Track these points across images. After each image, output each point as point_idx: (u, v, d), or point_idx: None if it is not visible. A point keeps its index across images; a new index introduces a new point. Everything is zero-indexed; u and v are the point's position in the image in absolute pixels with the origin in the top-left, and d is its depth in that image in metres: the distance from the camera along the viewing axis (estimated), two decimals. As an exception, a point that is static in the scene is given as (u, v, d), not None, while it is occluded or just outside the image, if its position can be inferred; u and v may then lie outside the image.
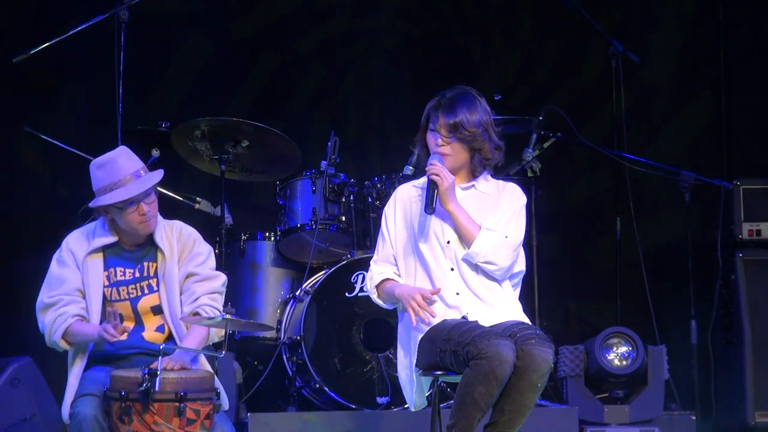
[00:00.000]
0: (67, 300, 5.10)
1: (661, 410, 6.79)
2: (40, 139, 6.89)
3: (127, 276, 5.18)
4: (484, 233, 5.08)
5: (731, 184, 7.04)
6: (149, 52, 7.70)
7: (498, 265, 5.08)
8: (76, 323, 5.08)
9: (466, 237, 5.09)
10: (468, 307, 5.09)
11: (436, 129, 5.13)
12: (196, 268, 5.19)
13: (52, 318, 5.08)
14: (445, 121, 5.11)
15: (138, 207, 5.08)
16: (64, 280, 5.13)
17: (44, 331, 5.11)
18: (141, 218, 5.10)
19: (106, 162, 5.10)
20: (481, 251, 5.07)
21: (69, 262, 5.15)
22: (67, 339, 5.08)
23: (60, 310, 5.08)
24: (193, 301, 5.14)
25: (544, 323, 7.20)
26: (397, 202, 5.25)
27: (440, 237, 5.14)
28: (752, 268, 7.00)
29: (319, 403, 6.72)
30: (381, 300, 5.21)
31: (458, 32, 8.17)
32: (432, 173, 5.07)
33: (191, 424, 4.83)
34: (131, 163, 5.12)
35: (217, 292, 5.19)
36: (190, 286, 5.17)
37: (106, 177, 5.07)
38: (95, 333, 5.02)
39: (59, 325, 5.06)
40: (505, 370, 4.80)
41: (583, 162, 7.99)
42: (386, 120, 8.04)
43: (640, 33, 8.01)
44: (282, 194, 7.14)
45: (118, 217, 5.11)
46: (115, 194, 5.05)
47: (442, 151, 5.12)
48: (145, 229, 5.14)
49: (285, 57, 8.07)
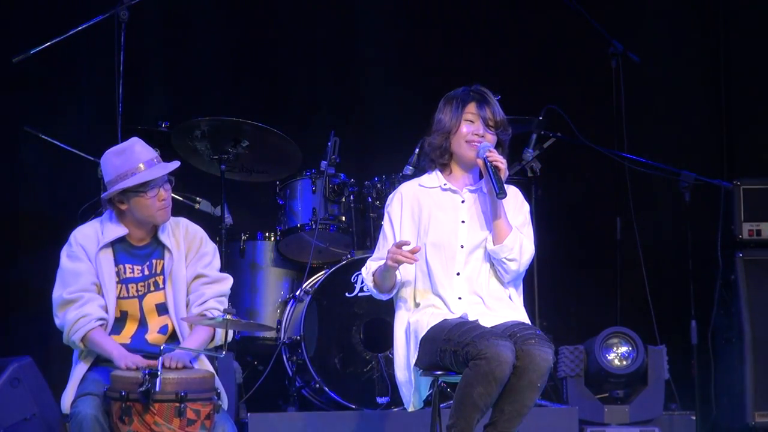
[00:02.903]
0: (88, 297, 5.06)
1: (661, 410, 6.80)
2: (40, 139, 6.89)
3: (136, 273, 5.17)
4: (516, 232, 5.13)
5: (731, 184, 7.04)
6: (149, 52, 7.70)
7: (519, 262, 5.11)
8: (98, 332, 5.04)
9: (501, 232, 5.11)
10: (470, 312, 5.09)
11: (473, 120, 5.15)
12: (204, 269, 5.19)
13: (75, 317, 5.03)
14: (485, 114, 5.15)
15: (158, 192, 5.08)
16: (79, 274, 5.08)
17: (63, 328, 5.06)
18: (161, 204, 5.10)
19: (124, 149, 5.10)
20: (513, 247, 5.09)
21: (81, 256, 5.10)
22: (85, 342, 5.06)
23: (83, 309, 5.04)
24: (202, 303, 5.14)
25: (544, 323, 7.20)
26: (404, 201, 5.23)
27: (453, 241, 5.14)
28: (752, 268, 7.00)
29: (319, 403, 6.72)
30: (377, 288, 5.18)
31: (458, 32, 8.17)
32: (495, 160, 5.08)
33: (192, 425, 4.82)
34: (147, 151, 5.13)
35: (224, 295, 5.20)
36: (199, 287, 5.17)
37: (125, 163, 5.06)
38: (114, 354, 4.99)
39: (82, 326, 5.02)
40: (505, 370, 4.80)
41: (583, 162, 7.99)
42: (386, 120, 8.03)
43: (640, 33, 8.01)
44: (282, 194, 7.14)
45: (135, 205, 5.08)
46: (138, 177, 5.04)
47: (490, 140, 5.15)
48: (162, 216, 5.12)
49: (285, 57, 8.07)
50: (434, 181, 5.25)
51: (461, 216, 5.18)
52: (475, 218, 5.17)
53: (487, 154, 5.09)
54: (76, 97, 7.65)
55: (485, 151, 5.10)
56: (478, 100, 5.18)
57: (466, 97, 5.20)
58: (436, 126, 5.22)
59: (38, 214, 7.57)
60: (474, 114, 5.16)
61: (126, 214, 5.14)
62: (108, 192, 5.09)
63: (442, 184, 5.23)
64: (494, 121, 5.17)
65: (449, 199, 5.21)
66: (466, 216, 5.18)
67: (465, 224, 5.17)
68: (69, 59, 7.47)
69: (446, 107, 5.21)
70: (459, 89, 5.25)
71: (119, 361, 4.96)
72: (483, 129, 5.16)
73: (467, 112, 5.17)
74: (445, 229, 5.16)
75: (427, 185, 5.25)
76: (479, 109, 5.17)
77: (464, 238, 5.15)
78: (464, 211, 5.19)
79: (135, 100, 7.20)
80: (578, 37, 7.93)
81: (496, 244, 5.11)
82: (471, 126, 5.16)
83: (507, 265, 5.12)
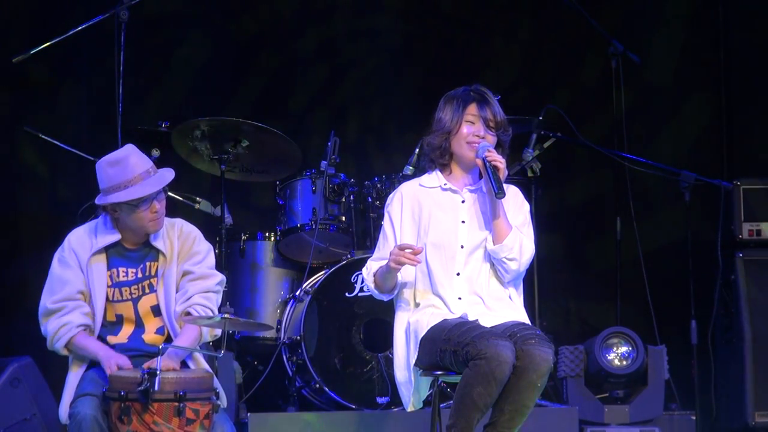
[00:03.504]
0: (71, 306, 5.07)
1: (661, 410, 6.80)
2: (40, 139, 6.89)
3: (130, 276, 5.16)
4: (516, 231, 5.12)
5: (731, 184, 7.04)
6: (149, 52, 7.70)
7: (519, 261, 5.10)
8: (82, 336, 5.05)
9: (501, 232, 5.10)
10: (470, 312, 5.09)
11: (474, 121, 5.14)
12: (192, 266, 5.16)
13: (56, 326, 5.04)
14: (485, 115, 5.15)
15: (151, 205, 5.07)
16: (66, 282, 5.09)
17: (47, 337, 5.08)
18: (153, 216, 5.09)
19: (118, 160, 5.07)
20: (513, 246, 5.08)
21: (71, 263, 5.12)
22: (70, 348, 5.07)
23: (64, 318, 5.05)
24: (186, 300, 5.12)
25: (544, 323, 7.20)
26: (404, 201, 5.23)
27: (453, 241, 5.14)
28: (752, 268, 7.00)
29: (319, 403, 6.72)
30: (378, 289, 5.18)
31: (458, 32, 8.17)
32: (494, 159, 5.07)
33: (190, 424, 4.82)
34: (142, 162, 5.09)
35: (211, 291, 5.15)
36: (185, 284, 5.15)
37: (119, 175, 5.04)
38: (100, 355, 5.00)
39: (63, 335, 5.04)
40: (504, 370, 4.80)
41: (583, 162, 7.99)
42: (386, 120, 8.04)
43: (640, 33, 8.01)
44: (282, 194, 7.14)
45: (127, 216, 5.08)
46: (131, 191, 5.03)
47: (490, 141, 5.15)
48: (155, 227, 5.12)
49: (285, 57, 8.07)
50: (434, 181, 5.25)
51: (461, 216, 5.18)
52: (475, 218, 5.17)
53: (486, 154, 5.09)
54: (76, 97, 7.65)
55: (484, 151, 5.10)
56: (478, 101, 5.18)
57: (466, 97, 5.19)
58: (436, 126, 5.21)
59: (38, 214, 7.57)
60: (475, 115, 5.16)
61: (119, 221, 5.14)
62: (102, 200, 5.08)
63: (443, 184, 5.23)
64: (495, 121, 5.17)
65: (449, 199, 5.21)
66: (466, 216, 5.18)
67: (465, 224, 5.17)
68: (69, 59, 7.47)
69: (447, 107, 5.20)
70: (459, 89, 5.24)
71: (105, 362, 4.96)
72: (483, 130, 5.15)
73: (468, 113, 5.16)
74: (445, 229, 5.16)
75: (427, 185, 5.25)
76: (480, 109, 5.16)
77: (464, 238, 5.15)
78: (464, 211, 5.19)
79: (135, 100, 7.21)
80: (578, 37, 7.93)
81: (495, 244, 5.11)
82: (471, 127, 5.15)
83: (507, 264, 5.12)
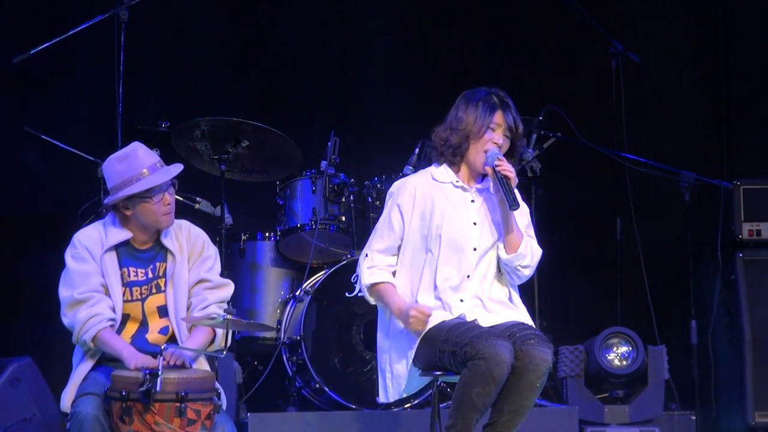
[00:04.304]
0: (98, 298, 5.06)
1: (661, 410, 6.80)
2: (40, 139, 6.89)
3: (140, 276, 5.17)
4: (526, 238, 5.11)
5: (731, 184, 7.04)
6: (149, 52, 7.70)
7: (531, 268, 5.12)
8: (108, 331, 5.04)
9: (514, 241, 5.09)
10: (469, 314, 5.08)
11: (495, 128, 5.10)
12: (207, 273, 5.19)
13: (86, 316, 5.02)
14: (509, 123, 5.12)
15: (163, 197, 5.09)
16: (88, 275, 5.08)
17: (74, 327, 5.05)
18: (165, 209, 5.10)
19: (126, 155, 5.10)
20: (527, 254, 5.08)
21: (86, 257, 5.10)
22: (95, 342, 5.06)
23: (94, 309, 5.04)
24: (204, 308, 5.14)
25: (544, 323, 7.19)
26: (417, 196, 5.18)
27: (466, 244, 5.12)
28: (752, 268, 7.00)
29: (319, 403, 6.72)
30: (372, 297, 5.19)
31: (458, 32, 8.16)
32: (504, 169, 5.05)
33: (192, 425, 4.82)
34: (150, 156, 5.13)
35: (225, 301, 5.21)
36: (202, 291, 5.18)
37: (129, 169, 5.06)
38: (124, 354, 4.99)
39: (93, 326, 5.02)
40: (503, 370, 4.80)
41: (583, 162, 7.99)
42: (386, 120, 8.03)
43: (640, 33, 8.00)
44: (282, 194, 7.15)
45: (140, 210, 5.08)
46: (143, 183, 5.04)
47: (504, 147, 5.13)
48: (167, 221, 5.13)
49: (285, 57, 8.07)
50: (446, 176, 5.20)
51: (472, 218, 5.15)
52: (486, 221, 5.15)
53: (496, 162, 5.05)
54: (76, 97, 7.65)
55: (494, 159, 5.06)
56: (504, 108, 5.12)
57: (492, 103, 5.11)
58: (454, 123, 5.14)
59: (38, 214, 7.56)
60: (499, 124, 5.12)
61: (130, 219, 5.14)
62: (113, 198, 5.08)
63: (454, 180, 5.19)
64: (515, 130, 5.14)
65: (460, 197, 5.18)
66: (477, 218, 5.16)
67: (477, 226, 5.15)
68: (69, 59, 7.47)
69: (470, 108, 5.13)
70: (481, 90, 5.17)
71: (129, 361, 4.96)
72: (502, 138, 5.14)
73: (495, 121, 5.11)
74: (458, 230, 5.12)
75: (439, 179, 5.21)
76: (505, 117, 5.12)
77: (477, 240, 5.13)
78: (474, 212, 5.16)
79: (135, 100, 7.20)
80: (578, 37, 7.93)
81: (509, 254, 5.08)
82: (492, 134, 5.12)
83: (521, 271, 5.12)
